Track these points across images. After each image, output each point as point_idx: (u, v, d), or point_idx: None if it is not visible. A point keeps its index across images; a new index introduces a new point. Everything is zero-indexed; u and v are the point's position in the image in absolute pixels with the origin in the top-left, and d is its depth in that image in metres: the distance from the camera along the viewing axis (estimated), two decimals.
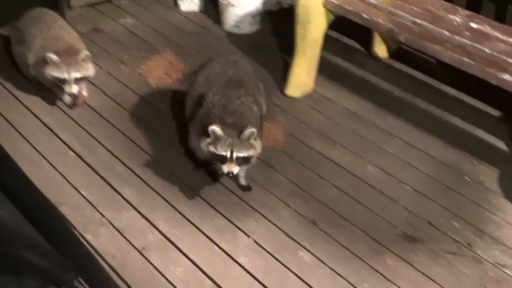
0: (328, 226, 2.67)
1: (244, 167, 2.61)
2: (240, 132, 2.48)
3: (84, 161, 2.96)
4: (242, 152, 2.49)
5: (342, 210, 2.75)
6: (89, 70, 3.16)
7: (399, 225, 2.69)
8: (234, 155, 2.48)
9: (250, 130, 2.48)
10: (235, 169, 2.50)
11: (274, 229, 2.65)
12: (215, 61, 2.98)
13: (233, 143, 2.47)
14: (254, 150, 2.53)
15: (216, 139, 2.48)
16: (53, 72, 3.06)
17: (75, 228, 2.58)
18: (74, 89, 3.10)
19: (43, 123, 3.20)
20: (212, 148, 2.50)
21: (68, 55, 3.08)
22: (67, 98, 3.28)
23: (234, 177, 2.77)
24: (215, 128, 2.47)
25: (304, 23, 3.19)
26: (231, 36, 4.00)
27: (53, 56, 3.03)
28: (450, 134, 3.19)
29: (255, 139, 2.53)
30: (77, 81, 3.09)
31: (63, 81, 3.07)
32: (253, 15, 3.99)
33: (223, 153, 2.48)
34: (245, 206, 2.75)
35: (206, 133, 2.52)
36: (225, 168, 2.49)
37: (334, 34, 3.92)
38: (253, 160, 2.61)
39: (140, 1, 4.36)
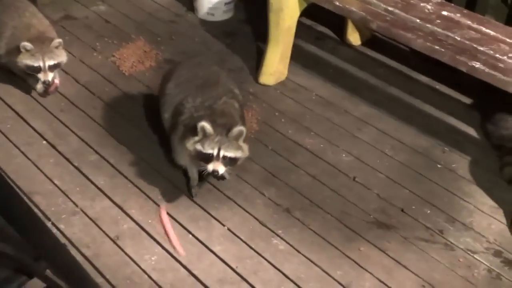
0: (302, 214, 2.69)
1: (229, 170, 2.53)
2: (229, 130, 2.42)
3: (56, 150, 2.94)
4: (230, 152, 2.42)
5: (316, 198, 2.77)
6: (62, 56, 3.14)
7: (372, 212, 2.72)
8: (221, 153, 2.41)
9: (239, 128, 2.42)
10: (221, 168, 2.42)
11: (248, 217, 2.66)
12: (179, 68, 2.91)
13: (221, 141, 2.41)
14: (242, 152, 2.47)
15: (204, 136, 2.41)
16: (27, 61, 3.03)
17: (48, 218, 2.57)
18: (49, 76, 3.08)
19: (15, 111, 3.17)
20: (199, 147, 2.42)
21: (41, 43, 3.05)
22: (39, 86, 3.24)
23: None
24: (205, 124, 2.40)
25: (277, 11, 3.18)
26: (205, 23, 3.98)
27: (28, 44, 3.00)
28: (422, 121, 3.22)
29: (244, 141, 2.47)
30: (51, 68, 3.07)
31: (38, 69, 3.04)
32: (226, 2, 3.97)
33: (210, 151, 2.40)
34: (219, 195, 2.76)
35: (193, 133, 2.45)
36: (211, 166, 2.41)
37: (308, 21, 3.92)
38: (239, 163, 2.54)
39: None
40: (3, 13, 3.28)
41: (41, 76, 3.06)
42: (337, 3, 3.09)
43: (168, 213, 2.64)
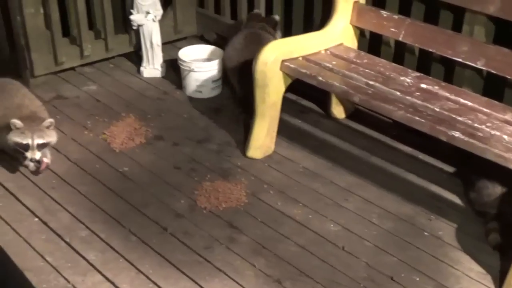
0: (291, 284, 2.71)
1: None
2: None
3: (48, 226, 2.97)
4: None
5: (305, 267, 2.80)
6: (52, 136, 3.21)
7: (361, 280, 2.74)
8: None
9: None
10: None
11: None
12: None
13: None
14: None
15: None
16: (16, 138, 3.10)
17: None
18: (37, 155, 3.13)
19: (5, 188, 3.22)
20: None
21: (32, 121, 3.14)
22: (31, 165, 3.29)
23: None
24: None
25: (263, 87, 3.30)
26: (193, 100, 4.10)
27: (17, 122, 3.08)
28: (406, 190, 3.29)
29: None
30: (39, 147, 3.13)
31: (26, 147, 3.10)
32: (214, 80, 4.10)
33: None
34: (209, 267, 2.78)
35: None
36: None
37: (293, 96, 4.05)
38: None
39: (102, 68, 4.45)
40: None
41: (28, 154, 3.12)
42: (320, 78, 3.22)
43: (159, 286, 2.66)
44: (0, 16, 4.23)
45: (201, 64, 4.10)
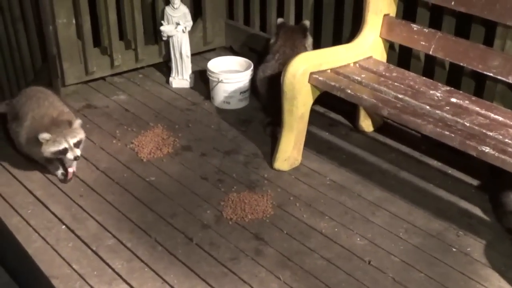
0: None
1: None
2: None
3: (75, 234, 3.00)
4: None
5: (331, 281, 2.77)
6: (82, 133, 3.24)
7: None
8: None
9: None
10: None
11: None
12: None
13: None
14: None
15: None
16: (52, 148, 3.14)
17: None
18: (77, 152, 3.17)
19: (35, 196, 3.26)
20: None
21: (57, 127, 3.16)
22: (59, 172, 3.35)
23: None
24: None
25: (291, 99, 3.30)
26: (221, 111, 4.12)
27: (45, 135, 3.11)
28: (435, 205, 3.25)
29: None
30: (76, 145, 3.17)
31: (65, 151, 3.14)
32: (242, 91, 4.11)
33: None
34: (235, 279, 2.77)
35: None
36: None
37: (321, 109, 4.04)
38: None
39: (132, 78, 4.49)
40: (25, 104, 3.42)
41: (70, 155, 3.15)
42: (349, 91, 3.21)
43: None
44: (33, 26, 4.30)
45: (230, 75, 4.11)
